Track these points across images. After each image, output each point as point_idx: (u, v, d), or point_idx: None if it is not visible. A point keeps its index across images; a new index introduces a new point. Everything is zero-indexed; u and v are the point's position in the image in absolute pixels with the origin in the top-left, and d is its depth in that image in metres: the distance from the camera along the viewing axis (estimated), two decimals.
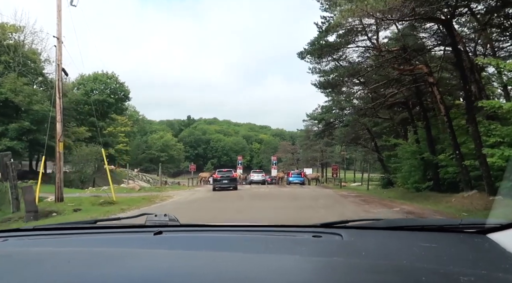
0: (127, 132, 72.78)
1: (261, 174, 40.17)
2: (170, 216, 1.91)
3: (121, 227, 1.97)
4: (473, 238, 1.51)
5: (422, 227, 1.79)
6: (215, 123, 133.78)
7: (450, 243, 1.50)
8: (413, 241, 1.53)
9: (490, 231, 1.51)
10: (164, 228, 1.75)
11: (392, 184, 29.07)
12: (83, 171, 33.93)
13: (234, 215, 11.44)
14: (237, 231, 1.83)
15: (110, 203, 15.28)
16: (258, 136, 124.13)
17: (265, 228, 1.85)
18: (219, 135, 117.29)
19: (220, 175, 27.51)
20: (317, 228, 1.76)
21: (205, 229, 1.89)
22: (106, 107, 45.96)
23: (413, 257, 1.31)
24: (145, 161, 78.78)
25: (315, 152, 59.64)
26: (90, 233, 1.85)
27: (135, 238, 1.74)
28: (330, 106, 29.86)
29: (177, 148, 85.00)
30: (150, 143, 79.69)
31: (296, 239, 1.66)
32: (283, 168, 60.84)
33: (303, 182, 39.92)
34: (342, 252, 1.45)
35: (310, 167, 56.88)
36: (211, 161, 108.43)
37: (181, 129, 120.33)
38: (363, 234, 1.74)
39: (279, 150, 67.78)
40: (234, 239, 1.67)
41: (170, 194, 24.02)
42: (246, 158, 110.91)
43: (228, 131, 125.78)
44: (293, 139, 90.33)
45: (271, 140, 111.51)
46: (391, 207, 13.66)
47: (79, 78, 45.80)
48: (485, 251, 1.37)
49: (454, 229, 1.66)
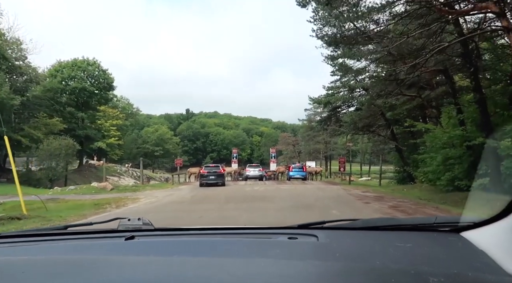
0: (119, 126, 67.73)
1: (258, 168, 34.71)
2: (144, 220, 1.85)
3: (92, 232, 1.86)
4: (447, 237, 1.51)
5: (398, 227, 1.76)
6: (215, 117, 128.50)
7: (424, 242, 1.50)
8: (388, 241, 1.52)
9: (464, 229, 1.51)
10: (137, 233, 1.71)
11: (413, 179, 23.77)
12: (52, 168, 28.71)
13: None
14: (212, 234, 1.83)
15: (18, 218, 9.94)
16: (258, 129, 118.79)
17: (241, 231, 1.87)
18: (219, 129, 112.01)
19: (207, 171, 24.84)
20: (294, 229, 1.75)
21: (179, 233, 1.87)
22: (87, 96, 40.58)
23: (387, 258, 1.30)
24: (139, 156, 73.73)
25: (318, 143, 54.26)
26: (59, 239, 1.77)
27: (105, 244, 1.65)
28: (337, 87, 24.49)
29: (173, 142, 79.65)
30: (144, 137, 74.41)
31: (271, 242, 1.62)
32: (284, 161, 55.48)
33: (305, 176, 34.63)
34: (317, 254, 1.43)
35: (313, 160, 51.31)
36: (210, 155, 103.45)
37: (180, 123, 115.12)
38: (339, 235, 1.70)
39: (279, 142, 61.98)
40: (207, 243, 1.62)
41: (140, 196, 18.88)
42: (246, 151, 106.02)
43: (228, 124, 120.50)
44: (294, 131, 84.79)
45: (272, 133, 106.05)
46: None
47: (56, 64, 40.39)
48: (457, 250, 1.37)
49: (429, 228, 1.66)
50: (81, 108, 40.82)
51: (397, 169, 29.65)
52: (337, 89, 24.60)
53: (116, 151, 64.38)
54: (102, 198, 18.25)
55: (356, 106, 23.08)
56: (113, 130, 64.06)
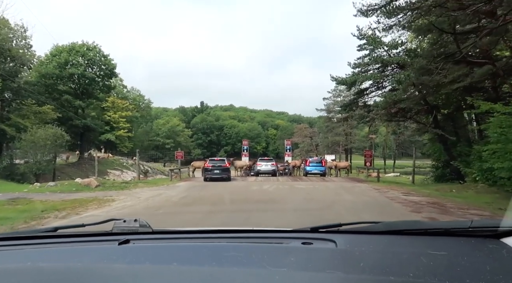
0: (129, 118, 64.36)
1: (270, 162, 29.97)
2: (141, 221, 1.66)
3: (84, 235, 1.73)
4: (486, 244, 1.32)
5: (427, 231, 1.54)
6: (231, 110, 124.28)
7: (461, 250, 1.32)
8: (418, 248, 1.35)
9: (504, 235, 1.34)
10: (133, 236, 1.58)
11: (461, 176, 18.77)
12: (37, 160, 24.86)
13: None
14: (217, 238, 1.63)
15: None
16: (274, 122, 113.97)
17: (249, 234, 1.66)
18: (233, 122, 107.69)
19: (211, 165, 23.21)
20: (307, 233, 1.57)
21: (180, 236, 1.70)
22: (85, 84, 36.67)
23: (421, 269, 1.11)
24: (150, 148, 70.30)
25: (338, 135, 49.21)
26: (47, 243, 1.62)
27: (97, 249, 1.49)
28: (365, 64, 19.65)
29: (185, 134, 75.77)
30: (155, 129, 70.76)
31: (283, 247, 1.46)
32: (300, 154, 50.69)
33: (324, 172, 29.91)
34: (337, 263, 1.24)
35: (332, 154, 46.18)
36: (224, 149, 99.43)
37: (194, 115, 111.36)
38: (359, 239, 1.50)
39: (295, 134, 56.86)
40: (211, 248, 1.44)
41: (119, 197, 14.90)
42: (261, 145, 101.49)
43: (244, 117, 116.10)
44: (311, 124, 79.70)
45: (288, 126, 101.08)
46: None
47: (53, 49, 36.58)
48: (502, 259, 1.19)
49: (463, 232, 1.44)
50: (81, 96, 36.98)
51: (435, 163, 24.63)
52: (366, 66, 19.72)
53: (126, 143, 61.13)
54: (73, 198, 14.67)
55: (393, 86, 18.22)
56: (123, 122, 60.80)
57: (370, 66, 19.54)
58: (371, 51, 19.51)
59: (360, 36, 19.48)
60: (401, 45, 19.25)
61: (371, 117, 20.06)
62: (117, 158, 50.24)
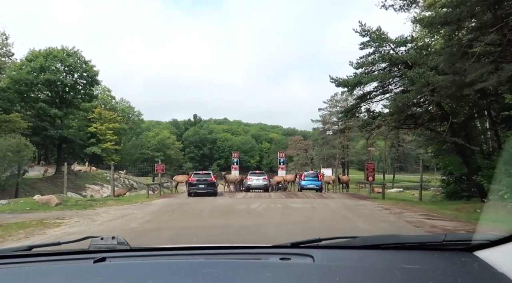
0: (117, 130, 61.05)
1: (262, 176, 26.74)
2: (119, 239, 1.61)
3: (59, 254, 1.63)
4: (459, 257, 1.33)
5: (403, 245, 1.53)
6: (225, 123, 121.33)
7: (434, 263, 1.32)
8: (394, 262, 1.35)
9: (477, 248, 1.35)
10: (110, 254, 1.52)
11: (484, 193, 15.81)
12: None
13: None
14: (195, 255, 1.58)
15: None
16: (268, 135, 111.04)
17: (228, 251, 1.63)
18: (227, 135, 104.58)
19: (196, 179, 21.07)
20: (287, 248, 1.56)
21: (157, 253, 1.64)
22: (62, 91, 33.47)
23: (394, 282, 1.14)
24: (139, 162, 66.75)
25: (334, 148, 46.23)
26: (21, 262, 1.52)
27: (71, 267, 1.44)
28: (370, 63, 16.82)
29: (176, 147, 72.37)
30: (144, 142, 67.37)
31: (261, 263, 1.43)
32: (295, 168, 47.55)
33: (320, 186, 26.85)
34: (313, 278, 1.23)
35: (329, 167, 43.06)
36: (217, 162, 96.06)
37: (187, 129, 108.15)
38: (337, 255, 1.49)
39: (289, 147, 53.72)
40: (188, 265, 1.42)
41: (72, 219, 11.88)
42: (255, 158, 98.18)
43: (237, 130, 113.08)
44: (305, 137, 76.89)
45: (282, 139, 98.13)
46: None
47: (29, 54, 33.48)
48: (473, 272, 1.20)
49: (438, 246, 1.46)
50: (58, 104, 33.73)
51: (445, 178, 21.64)
52: (370, 66, 16.88)
53: (113, 156, 57.59)
54: (13, 221, 11.49)
55: (405, 86, 15.34)
56: (110, 134, 57.55)
57: (376, 65, 16.71)
58: (376, 48, 16.73)
59: (363, 32, 16.76)
60: (411, 42, 16.50)
61: (378, 124, 17.18)
62: (101, 172, 46.74)
